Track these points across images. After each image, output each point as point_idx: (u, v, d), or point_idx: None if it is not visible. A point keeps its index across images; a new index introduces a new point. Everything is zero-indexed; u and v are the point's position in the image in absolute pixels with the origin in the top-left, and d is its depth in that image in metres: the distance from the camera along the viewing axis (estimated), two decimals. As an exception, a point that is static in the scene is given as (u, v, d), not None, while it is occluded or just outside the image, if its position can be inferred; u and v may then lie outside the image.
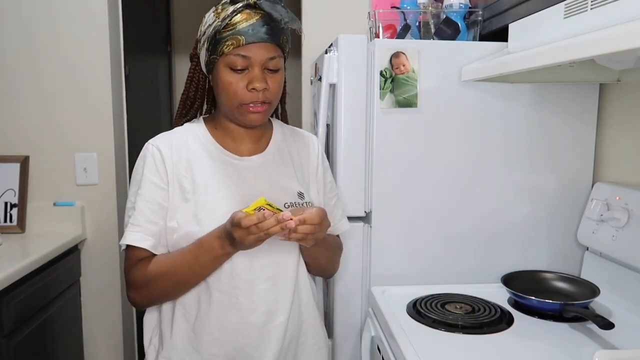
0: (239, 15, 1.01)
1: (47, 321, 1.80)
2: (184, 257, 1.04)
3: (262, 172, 1.13)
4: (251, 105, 1.04)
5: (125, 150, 2.18)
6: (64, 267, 1.94)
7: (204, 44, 1.06)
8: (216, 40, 1.02)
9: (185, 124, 1.16)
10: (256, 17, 1.01)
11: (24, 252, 1.81)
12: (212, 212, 1.05)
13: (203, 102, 1.16)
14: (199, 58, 1.10)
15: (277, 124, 1.22)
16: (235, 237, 0.95)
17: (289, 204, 1.10)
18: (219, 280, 1.06)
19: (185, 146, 1.10)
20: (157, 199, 1.06)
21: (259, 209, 0.93)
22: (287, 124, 1.25)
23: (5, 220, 2.03)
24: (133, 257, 1.07)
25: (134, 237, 1.05)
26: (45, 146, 2.05)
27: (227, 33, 1.01)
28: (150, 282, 1.05)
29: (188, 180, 1.07)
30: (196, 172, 1.08)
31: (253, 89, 1.03)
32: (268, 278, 1.08)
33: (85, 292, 2.12)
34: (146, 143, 1.11)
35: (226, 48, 1.01)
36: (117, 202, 2.09)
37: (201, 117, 1.17)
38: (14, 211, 2.04)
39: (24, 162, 2.05)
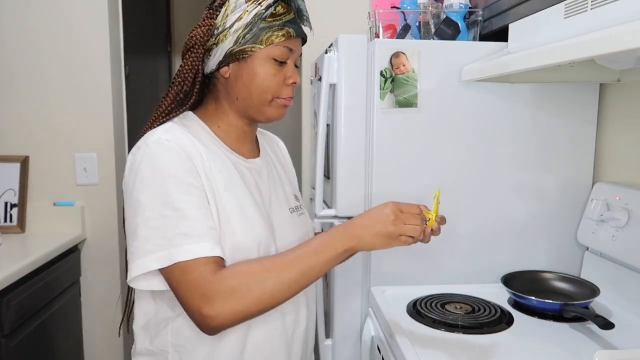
0: (280, 6, 0.96)
1: (47, 321, 1.80)
2: (300, 252, 0.88)
3: (265, 175, 1.06)
4: (285, 99, 1.00)
5: (125, 150, 2.18)
6: (64, 267, 1.94)
7: (235, 30, 0.94)
8: (259, 29, 0.94)
9: (174, 120, 0.98)
10: (292, 12, 0.99)
11: (24, 252, 1.81)
12: (238, 216, 0.93)
13: (199, 97, 1.01)
14: (204, 47, 0.97)
15: None
16: (392, 218, 0.87)
17: (292, 208, 1.08)
18: None
19: (199, 147, 0.93)
20: (205, 203, 0.89)
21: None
22: None
23: (5, 220, 2.03)
24: (206, 268, 0.84)
25: (203, 247, 0.84)
26: (45, 146, 2.06)
27: (275, 23, 0.95)
28: (253, 286, 0.84)
29: (214, 184, 0.92)
30: (217, 175, 0.94)
31: (294, 82, 1.00)
32: None
33: (85, 292, 2.12)
34: (152, 139, 0.90)
35: (276, 38, 0.95)
36: (117, 202, 2.09)
37: (191, 113, 1.02)
38: (14, 211, 2.04)
39: (24, 162, 2.05)
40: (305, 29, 1.03)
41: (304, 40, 1.03)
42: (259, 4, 0.95)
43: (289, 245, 0.99)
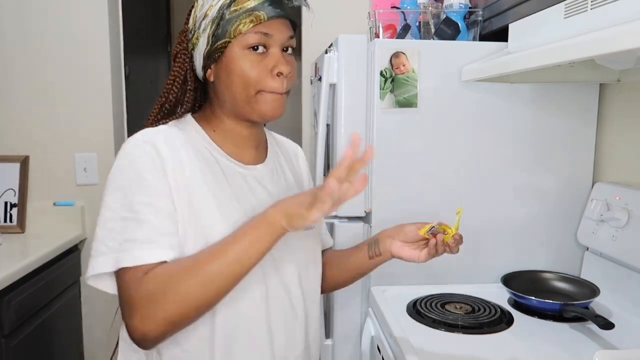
0: None
1: (47, 321, 1.80)
2: (222, 242, 0.80)
3: (269, 184, 0.97)
4: (273, 93, 0.89)
5: (125, 150, 2.18)
6: (64, 267, 1.94)
7: (205, 29, 0.88)
8: (226, 21, 0.86)
9: (170, 122, 0.94)
10: None
11: (24, 252, 1.81)
12: (222, 227, 0.86)
13: (192, 104, 0.96)
14: (187, 54, 0.93)
15: (266, 132, 1.07)
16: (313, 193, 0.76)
17: None
18: (235, 315, 0.87)
19: (180, 148, 0.89)
20: (168, 206, 0.83)
21: (430, 229, 0.98)
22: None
23: (5, 220, 2.03)
24: (137, 274, 0.79)
25: (153, 253, 0.79)
26: (45, 146, 2.06)
27: (241, 10, 0.86)
28: (168, 288, 0.77)
29: (194, 190, 0.87)
30: (198, 180, 0.88)
31: (280, 73, 0.88)
32: (284, 308, 0.93)
33: (85, 292, 2.12)
34: (131, 139, 0.88)
35: (243, 26, 0.85)
36: (117, 202, 2.09)
37: (189, 116, 0.97)
38: (14, 211, 2.04)
39: (24, 162, 2.05)
40: (300, 7, 0.92)
41: (293, 21, 0.92)
42: None
43: (287, 259, 0.94)
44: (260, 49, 0.88)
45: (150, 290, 0.77)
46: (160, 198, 0.83)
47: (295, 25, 0.93)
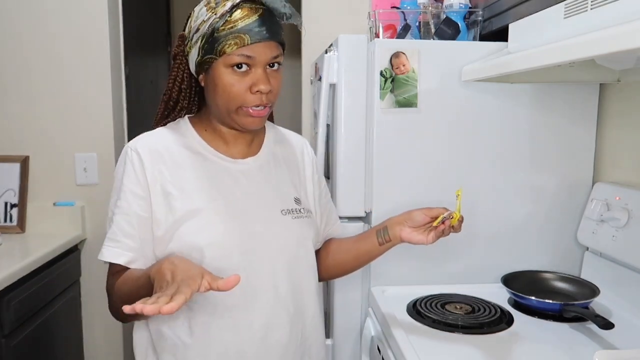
0: (238, 11, 0.94)
1: (47, 321, 1.80)
2: (134, 282, 0.93)
3: (256, 176, 1.06)
4: (252, 108, 0.97)
5: (125, 150, 2.19)
6: (64, 267, 1.94)
7: (196, 41, 0.97)
8: (214, 39, 0.94)
9: (168, 124, 1.07)
10: (258, 13, 0.94)
11: (24, 252, 1.81)
12: (207, 218, 0.97)
13: (188, 103, 1.05)
14: (184, 56, 1.02)
15: (268, 126, 1.15)
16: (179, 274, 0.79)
17: (285, 210, 1.05)
18: (211, 294, 0.91)
19: (170, 149, 1.01)
20: (136, 210, 0.97)
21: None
22: (273, 122, 1.19)
23: (5, 220, 2.03)
24: (112, 269, 1.01)
25: (110, 253, 0.97)
26: (45, 146, 2.06)
27: (228, 31, 0.93)
28: (115, 295, 0.99)
29: (176, 186, 0.98)
30: (185, 177, 1.00)
31: (258, 91, 0.96)
32: (267, 290, 1.00)
33: (85, 292, 2.12)
34: (125, 146, 1.02)
35: (228, 48, 0.93)
36: (117, 202, 2.09)
37: (186, 117, 1.08)
38: (14, 211, 2.04)
39: (24, 162, 2.05)
40: (300, 3, 0.99)
41: (281, 42, 0.99)
42: (214, 12, 0.95)
43: (270, 246, 1.01)
44: (244, 67, 0.96)
45: (109, 290, 1.01)
46: (130, 202, 0.98)
47: (284, 44, 1.00)
